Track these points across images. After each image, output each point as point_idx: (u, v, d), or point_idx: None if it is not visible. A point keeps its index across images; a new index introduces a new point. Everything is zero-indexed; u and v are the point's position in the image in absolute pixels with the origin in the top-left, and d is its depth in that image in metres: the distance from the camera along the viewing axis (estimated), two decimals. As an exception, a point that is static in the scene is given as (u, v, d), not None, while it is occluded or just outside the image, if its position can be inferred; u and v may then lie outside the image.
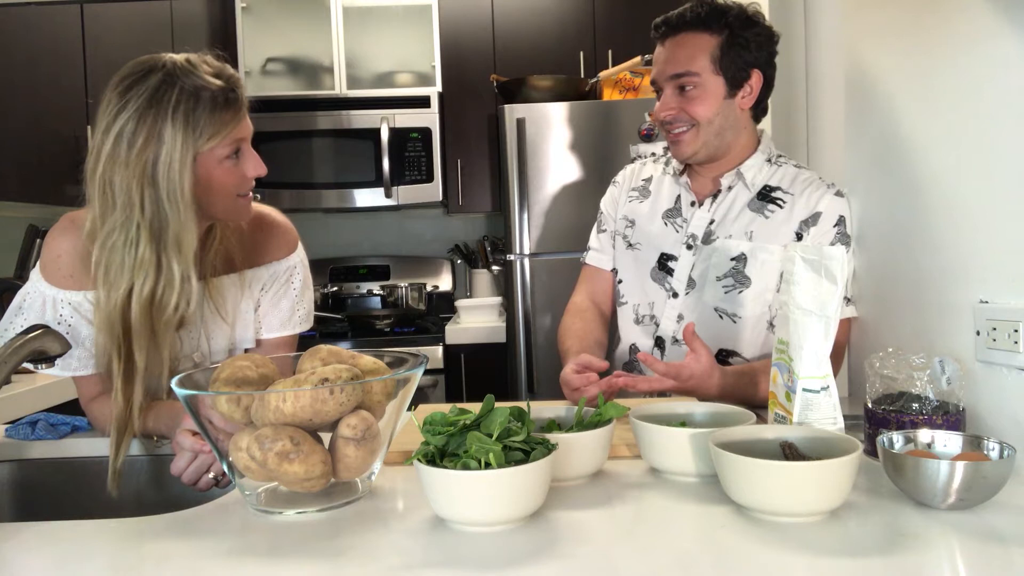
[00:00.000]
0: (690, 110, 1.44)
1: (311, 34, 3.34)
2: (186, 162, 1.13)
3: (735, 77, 1.44)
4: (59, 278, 1.24)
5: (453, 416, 0.90)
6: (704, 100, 1.44)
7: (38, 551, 0.84)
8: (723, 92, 1.45)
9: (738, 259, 1.47)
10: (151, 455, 1.29)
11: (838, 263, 1.00)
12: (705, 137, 1.46)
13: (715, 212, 1.51)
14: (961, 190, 1.13)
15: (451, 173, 3.32)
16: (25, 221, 2.38)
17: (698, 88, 1.44)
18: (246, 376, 0.96)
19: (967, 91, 1.11)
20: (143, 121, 1.12)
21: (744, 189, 1.50)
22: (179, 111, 1.13)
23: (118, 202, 1.14)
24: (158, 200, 1.14)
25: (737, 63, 1.44)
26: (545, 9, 3.31)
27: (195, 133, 1.14)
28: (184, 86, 1.14)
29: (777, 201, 1.48)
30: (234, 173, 1.20)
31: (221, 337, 1.33)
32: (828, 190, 1.45)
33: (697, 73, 1.43)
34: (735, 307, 1.47)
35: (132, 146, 1.12)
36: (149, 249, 1.14)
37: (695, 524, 0.86)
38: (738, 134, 1.49)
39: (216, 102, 1.15)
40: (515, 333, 2.95)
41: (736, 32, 1.43)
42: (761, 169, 1.51)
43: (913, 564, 0.74)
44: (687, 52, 1.44)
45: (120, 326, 1.16)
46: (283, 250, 1.40)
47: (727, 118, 1.46)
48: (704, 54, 1.43)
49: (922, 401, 1.02)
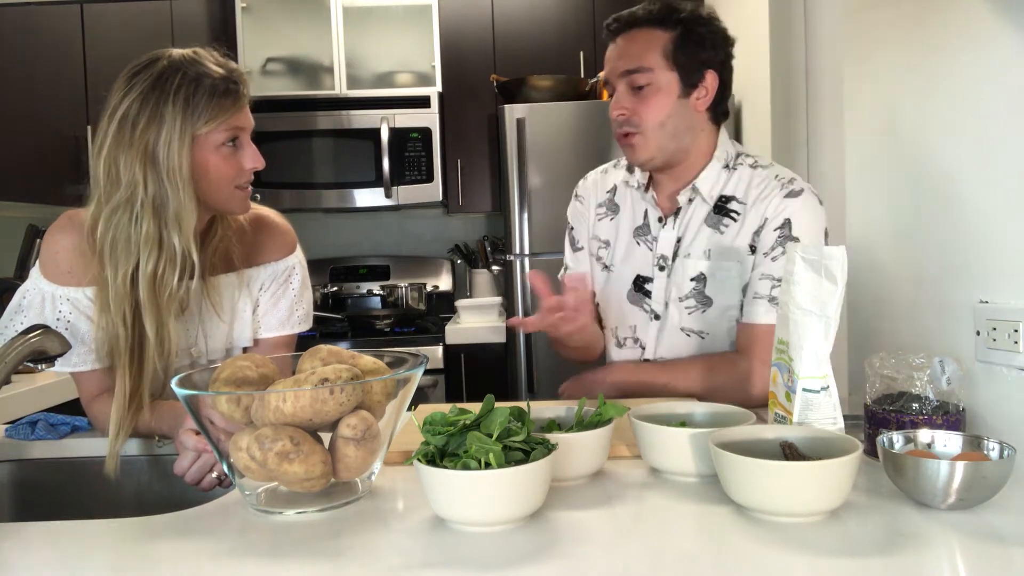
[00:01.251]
0: (643, 111, 1.39)
1: (311, 34, 3.34)
2: (184, 142, 1.18)
3: (689, 75, 1.39)
4: (58, 274, 1.25)
5: (453, 416, 0.90)
6: (658, 98, 1.39)
7: (38, 551, 0.84)
8: (677, 90, 1.39)
9: (697, 279, 1.43)
10: (152, 455, 1.29)
11: (838, 263, 1.00)
12: (659, 141, 1.40)
13: (679, 230, 1.46)
14: (961, 190, 1.13)
15: (451, 173, 3.32)
16: (25, 221, 2.38)
17: (652, 85, 1.38)
18: (246, 376, 0.96)
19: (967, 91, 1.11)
20: (146, 103, 1.18)
21: (702, 202, 1.45)
22: (180, 94, 1.18)
23: (123, 181, 1.18)
24: (159, 179, 1.18)
25: (692, 60, 1.38)
26: (545, 9, 3.31)
27: (193, 115, 1.18)
28: (187, 72, 1.19)
29: (731, 214, 1.42)
30: (231, 162, 1.23)
31: (218, 336, 1.34)
32: (779, 192, 1.39)
33: (650, 68, 1.38)
34: (701, 325, 1.44)
35: (135, 127, 1.18)
36: (152, 226, 1.18)
37: (695, 524, 0.86)
38: (695, 137, 1.43)
39: (216, 89, 1.19)
40: (515, 333, 2.95)
41: (690, 28, 1.38)
42: (718, 178, 1.44)
43: (913, 564, 0.74)
44: (639, 47, 1.39)
45: (128, 303, 1.19)
46: (282, 251, 1.41)
47: (682, 119, 1.40)
48: (657, 49, 1.38)
49: (922, 401, 1.02)
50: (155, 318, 1.19)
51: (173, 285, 1.20)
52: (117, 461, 1.19)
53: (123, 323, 1.19)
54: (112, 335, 1.20)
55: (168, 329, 1.21)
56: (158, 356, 1.21)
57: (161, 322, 1.20)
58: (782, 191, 1.38)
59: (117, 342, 1.20)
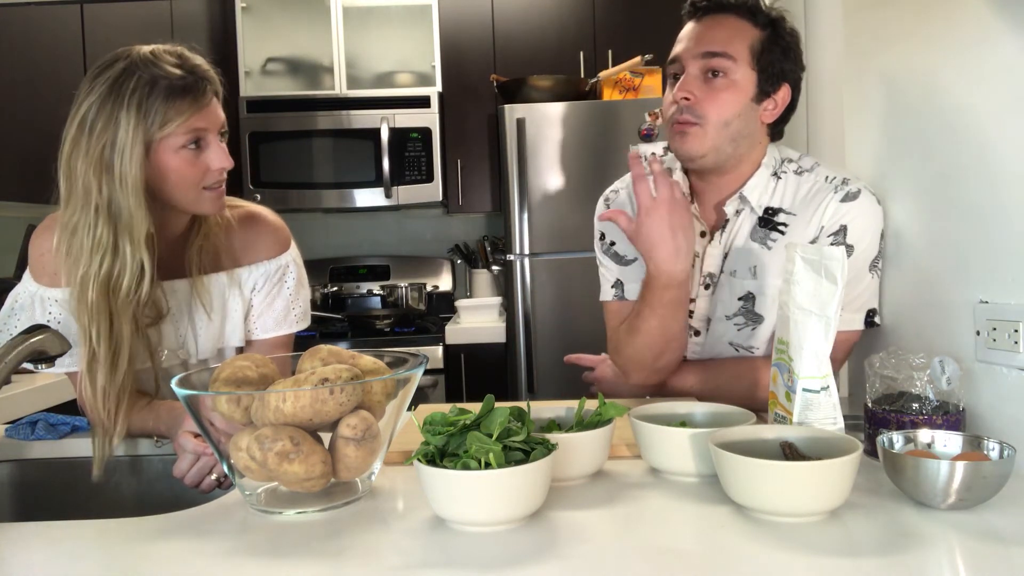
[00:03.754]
0: (711, 101, 1.26)
1: (311, 34, 3.34)
2: (136, 148, 1.15)
3: (768, 81, 1.29)
4: (44, 276, 1.26)
5: (453, 416, 0.89)
6: (732, 92, 1.26)
7: (38, 551, 0.84)
8: (752, 92, 1.28)
9: (745, 298, 1.33)
10: (150, 455, 1.29)
11: (838, 263, 1.00)
12: (718, 140, 1.27)
13: (726, 245, 1.35)
14: (961, 190, 1.13)
15: (451, 173, 3.32)
16: (25, 221, 2.38)
17: (729, 77, 1.26)
18: (246, 376, 0.96)
19: (968, 92, 1.11)
20: (103, 108, 1.16)
21: (750, 213, 1.33)
22: (134, 98, 1.15)
23: (79, 186, 1.16)
24: (112, 185, 1.16)
25: (774, 66, 1.28)
26: (545, 9, 3.31)
27: (147, 120, 1.16)
28: (142, 75, 1.16)
29: (779, 227, 1.31)
30: (195, 164, 1.20)
31: (208, 336, 1.33)
32: (834, 196, 1.28)
33: (733, 57, 1.26)
34: (749, 341, 1.35)
35: (92, 131, 1.16)
36: (107, 231, 1.16)
37: (695, 524, 0.86)
38: (752, 147, 1.32)
39: (173, 90, 1.16)
40: (515, 333, 2.95)
41: (779, 33, 1.29)
42: (767, 187, 1.33)
43: (913, 564, 0.74)
44: (727, 33, 1.27)
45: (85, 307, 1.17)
46: (274, 249, 1.39)
47: (747, 125, 1.29)
48: (745, 41, 1.27)
49: (922, 401, 1.02)
50: (110, 322, 1.17)
51: (130, 291, 1.17)
52: (103, 465, 1.18)
53: (83, 327, 1.17)
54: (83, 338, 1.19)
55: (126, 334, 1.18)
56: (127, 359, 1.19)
57: (119, 326, 1.18)
58: (837, 195, 1.28)
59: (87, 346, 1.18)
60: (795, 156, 1.37)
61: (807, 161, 1.36)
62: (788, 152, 1.39)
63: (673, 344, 1.33)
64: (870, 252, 1.28)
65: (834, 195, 1.29)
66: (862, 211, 1.27)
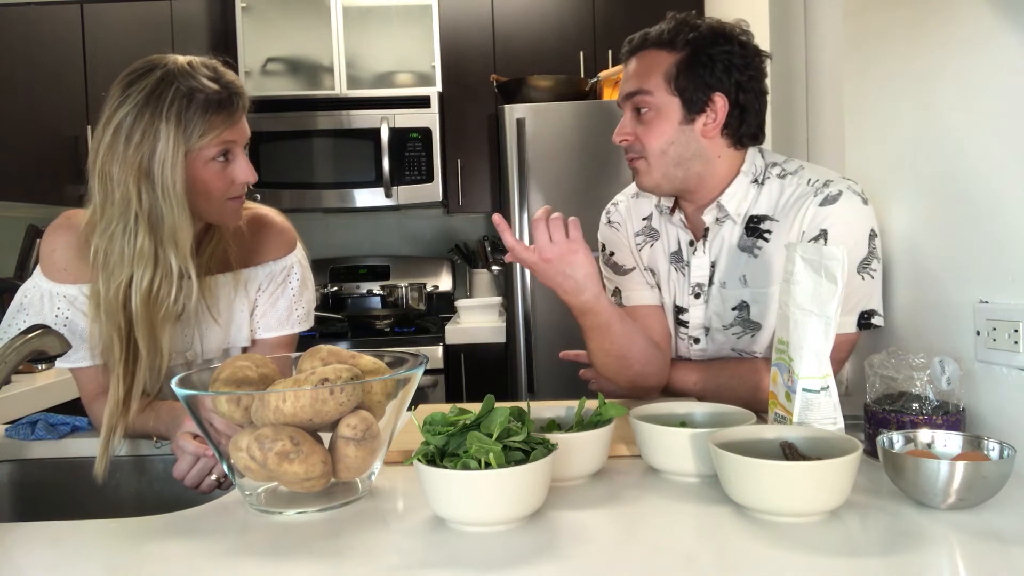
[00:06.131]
0: (643, 136, 1.31)
1: (311, 34, 3.34)
2: (178, 159, 1.16)
3: (692, 99, 1.29)
4: (55, 272, 1.26)
5: (453, 416, 0.90)
6: (657, 123, 1.31)
7: (38, 551, 0.84)
8: (678, 116, 1.30)
9: (739, 307, 1.35)
10: (151, 455, 1.29)
11: (838, 263, 1.00)
12: (663, 168, 1.32)
13: (712, 254, 1.37)
14: (961, 190, 1.13)
15: (451, 173, 3.32)
16: (25, 221, 2.38)
17: (652, 110, 1.31)
18: (246, 376, 0.96)
19: (968, 92, 1.11)
20: (140, 117, 1.16)
21: (732, 223, 1.34)
22: (173, 109, 1.16)
23: (117, 193, 1.17)
24: (153, 195, 1.16)
25: (695, 83, 1.29)
26: (545, 9, 3.31)
27: (186, 132, 1.17)
28: (180, 87, 1.17)
29: (764, 235, 1.32)
30: (222, 176, 1.22)
31: (214, 337, 1.34)
32: (814, 200, 1.27)
33: (650, 92, 1.31)
34: (751, 347, 1.36)
35: (130, 140, 1.16)
36: (148, 240, 1.17)
37: (695, 524, 0.86)
38: (708, 164, 1.32)
39: (208, 104, 1.18)
40: (515, 333, 2.95)
41: (699, 50, 1.29)
42: (746, 195, 1.33)
43: (913, 564, 0.74)
44: (643, 68, 1.33)
45: (122, 315, 1.18)
46: (280, 250, 1.40)
47: (686, 147, 1.31)
48: (659, 72, 1.31)
49: (922, 401, 1.02)
50: (148, 332, 1.18)
51: (170, 301, 1.19)
52: (107, 464, 1.19)
53: (117, 334, 1.18)
54: (107, 343, 1.20)
55: (163, 341, 1.20)
56: (150, 364, 1.20)
57: (154, 335, 1.19)
58: (816, 198, 1.27)
59: (111, 352, 1.19)
60: (780, 160, 1.37)
61: (792, 164, 1.36)
62: (774, 157, 1.38)
63: (629, 361, 1.34)
64: (856, 254, 1.26)
65: (813, 199, 1.28)
66: (842, 214, 1.25)
